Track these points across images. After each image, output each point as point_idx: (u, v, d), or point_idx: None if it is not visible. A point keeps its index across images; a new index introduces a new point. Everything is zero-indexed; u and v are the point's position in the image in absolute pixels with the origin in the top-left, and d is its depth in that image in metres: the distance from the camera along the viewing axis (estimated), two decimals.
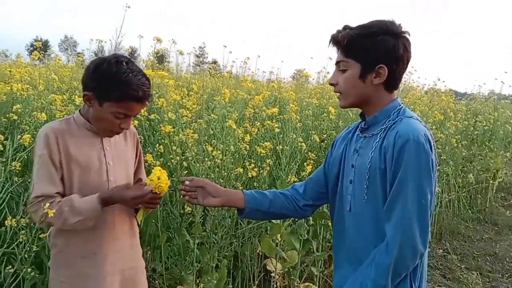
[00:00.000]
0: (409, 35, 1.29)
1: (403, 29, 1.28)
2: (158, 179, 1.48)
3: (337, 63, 1.34)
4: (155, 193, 1.49)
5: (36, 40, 4.28)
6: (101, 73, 1.43)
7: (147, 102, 1.51)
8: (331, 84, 1.37)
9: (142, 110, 2.69)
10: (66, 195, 1.49)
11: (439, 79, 7.15)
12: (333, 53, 1.38)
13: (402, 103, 1.34)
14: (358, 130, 1.42)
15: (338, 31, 1.31)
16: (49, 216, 1.39)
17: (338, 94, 1.37)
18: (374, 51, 1.26)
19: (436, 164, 1.23)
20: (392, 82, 1.30)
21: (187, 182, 1.51)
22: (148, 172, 1.63)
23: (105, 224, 1.55)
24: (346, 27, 1.31)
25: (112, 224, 1.57)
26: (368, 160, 1.28)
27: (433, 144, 1.24)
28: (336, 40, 1.31)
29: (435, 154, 1.24)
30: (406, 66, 1.30)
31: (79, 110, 1.58)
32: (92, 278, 1.54)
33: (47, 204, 1.40)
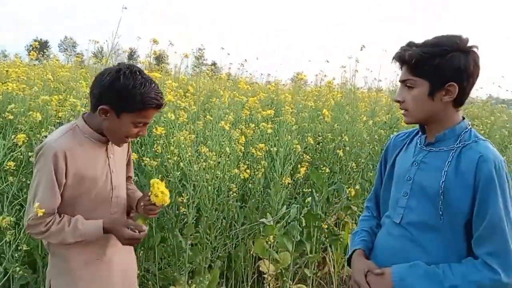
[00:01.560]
0: (478, 49, 1.27)
1: (471, 44, 1.26)
2: (162, 193, 1.53)
3: (403, 80, 1.31)
4: (157, 206, 1.55)
5: (35, 41, 4.30)
6: (120, 87, 1.43)
7: (162, 108, 1.56)
8: (397, 101, 1.35)
9: None
10: (65, 210, 1.50)
11: None
12: (334, 56, 1.38)
13: (469, 124, 1.33)
14: (419, 143, 1.39)
15: (404, 49, 1.29)
16: (49, 231, 1.44)
17: (403, 111, 1.35)
18: (444, 69, 1.24)
19: None
20: (461, 99, 1.29)
21: None
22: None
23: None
24: (411, 44, 1.29)
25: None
26: (441, 180, 1.26)
27: None
28: (402, 59, 1.29)
29: None
30: (475, 81, 1.28)
31: (83, 117, 1.55)
32: (96, 283, 1.56)
33: (57, 219, 1.46)
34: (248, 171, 2.65)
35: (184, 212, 2.49)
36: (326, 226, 3.08)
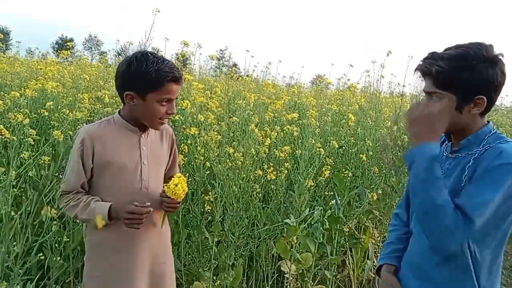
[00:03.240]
0: (503, 56, 1.25)
1: (497, 52, 1.24)
2: (176, 186, 1.57)
3: (429, 93, 1.28)
4: (172, 198, 1.60)
5: (64, 40, 4.47)
6: (135, 70, 1.54)
7: (182, 82, 1.62)
8: None
9: None
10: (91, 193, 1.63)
11: None
12: (355, 58, 1.38)
13: (494, 127, 1.32)
14: (445, 151, 1.39)
15: (428, 62, 1.26)
16: (68, 205, 1.59)
17: None
18: (472, 83, 1.21)
19: None
20: (489, 109, 1.28)
21: None
22: None
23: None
24: (435, 57, 1.25)
25: (143, 223, 1.65)
26: (462, 184, 1.25)
27: None
28: (427, 73, 1.26)
29: None
30: (502, 89, 1.27)
31: (119, 112, 1.68)
32: (124, 271, 1.63)
33: (78, 196, 1.60)
34: (274, 172, 2.71)
35: (208, 210, 2.56)
36: (347, 230, 3.11)
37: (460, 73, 1.22)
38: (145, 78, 1.52)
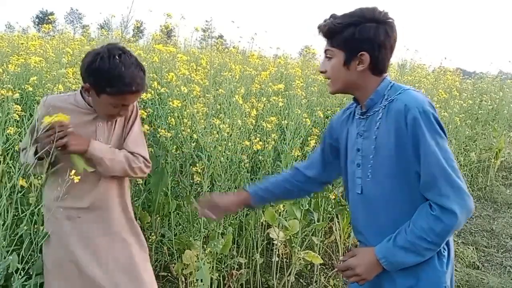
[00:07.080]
0: (393, 20, 1.33)
1: (386, 16, 1.32)
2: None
3: (325, 51, 1.40)
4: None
5: (45, 14, 4.35)
6: (95, 69, 1.51)
7: (142, 91, 1.60)
8: (321, 72, 1.43)
9: (155, 84, 2.81)
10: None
11: (445, 58, 7.18)
12: None
13: (392, 80, 1.38)
14: (357, 114, 1.46)
15: (324, 21, 1.37)
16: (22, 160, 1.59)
17: (328, 81, 1.43)
18: (356, 39, 1.30)
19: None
20: (378, 67, 1.35)
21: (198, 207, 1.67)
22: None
23: (89, 193, 1.68)
24: (332, 16, 1.36)
25: (95, 194, 1.69)
26: (374, 138, 1.33)
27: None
28: (321, 30, 1.38)
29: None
30: (390, 51, 1.35)
31: (81, 88, 1.67)
32: (74, 236, 1.69)
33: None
34: (260, 143, 2.75)
35: (197, 182, 2.61)
36: (334, 197, 3.20)
37: (345, 29, 1.32)
38: (102, 82, 1.51)
